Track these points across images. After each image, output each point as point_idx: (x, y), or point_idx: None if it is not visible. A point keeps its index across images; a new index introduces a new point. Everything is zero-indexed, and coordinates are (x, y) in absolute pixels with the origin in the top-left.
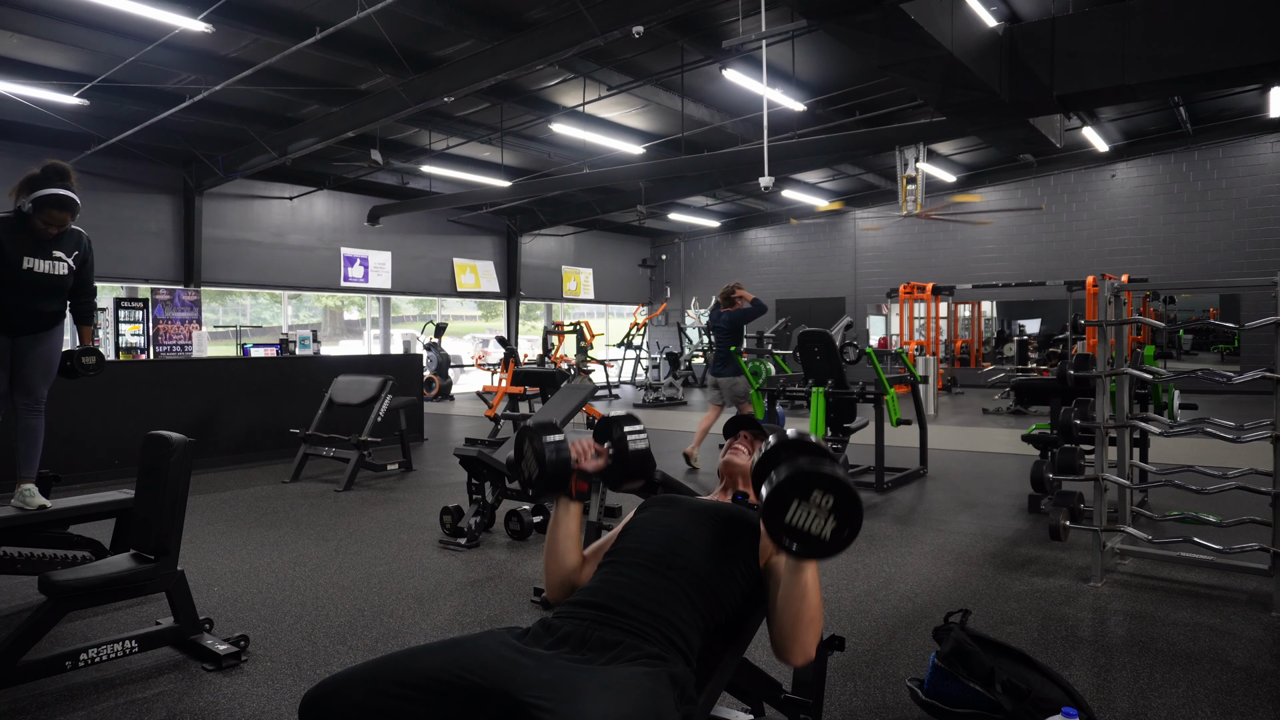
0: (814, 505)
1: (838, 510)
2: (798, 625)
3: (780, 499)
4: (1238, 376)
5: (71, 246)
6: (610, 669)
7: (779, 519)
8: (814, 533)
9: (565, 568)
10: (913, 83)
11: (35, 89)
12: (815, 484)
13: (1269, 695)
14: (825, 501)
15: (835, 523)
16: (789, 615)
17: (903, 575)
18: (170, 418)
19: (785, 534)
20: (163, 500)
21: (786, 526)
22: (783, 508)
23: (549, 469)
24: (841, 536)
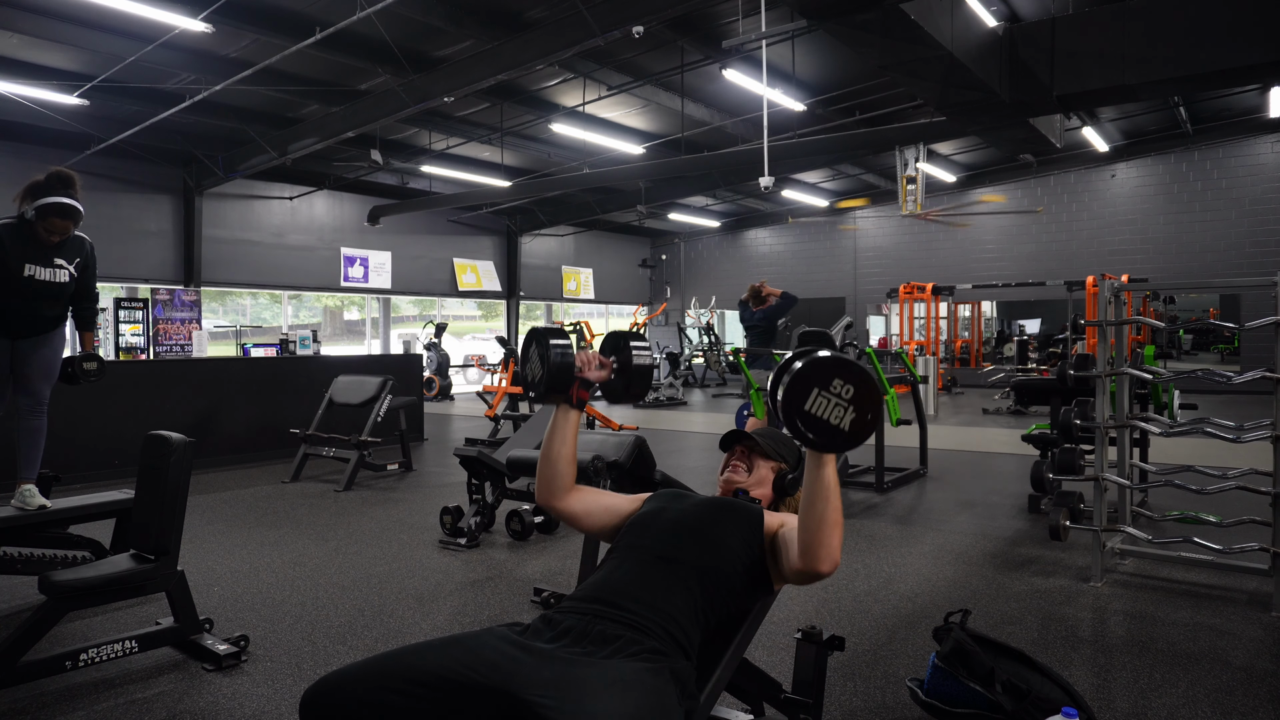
0: (834, 394)
1: (857, 400)
2: (823, 528)
3: (801, 387)
4: (1238, 376)
5: (74, 253)
6: (612, 665)
7: (799, 407)
8: (833, 422)
9: (556, 475)
10: (913, 83)
11: (35, 89)
12: (836, 373)
13: (1269, 695)
14: (845, 391)
15: (855, 413)
16: (814, 519)
17: (903, 575)
18: (170, 418)
19: (805, 423)
20: (163, 500)
21: (806, 415)
22: (803, 397)
23: (552, 370)
24: (862, 424)
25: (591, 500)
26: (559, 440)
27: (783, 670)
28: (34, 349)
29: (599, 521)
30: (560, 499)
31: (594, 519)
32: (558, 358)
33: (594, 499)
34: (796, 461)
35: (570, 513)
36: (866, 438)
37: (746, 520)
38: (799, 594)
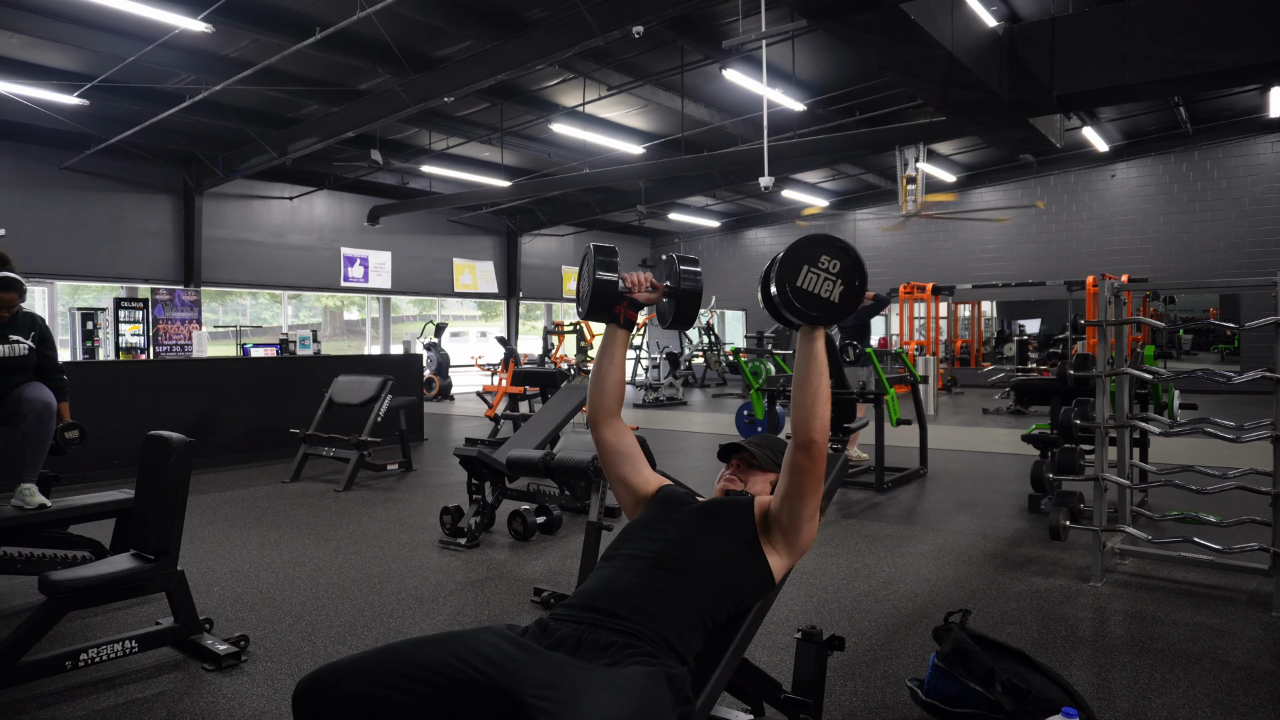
0: (822, 270)
1: (844, 273)
2: (816, 401)
3: (791, 265)
4: (1238, 376)
5: (27, 329)
6: (608, 670)
7: (791, 284)
8: (824, 295)
9: (605, 393)
10: (913, 83)
11: (35, 89)
12: (822, 249)
13: (1269, 695)
14: (833, 265)
15: (843, 285)
16: (808, 393)
17: (903, 575)
18: (170, 418)
19: (799, 298)
20: (163, 500)
21: (799, 291)
22: (794, 274)
23: (595, 290)
24: (851, 291)
25: (629, 444)
26: (607, 359)
27: (783, 670)
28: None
29: (623, 468)
30: (605, 422)
31: (621, 461)
32: (601, 276)
33: (631, 444)
34: None
35: (607, 442)
36: (856, 307)
37: (737, 511)
38: (799, 594)
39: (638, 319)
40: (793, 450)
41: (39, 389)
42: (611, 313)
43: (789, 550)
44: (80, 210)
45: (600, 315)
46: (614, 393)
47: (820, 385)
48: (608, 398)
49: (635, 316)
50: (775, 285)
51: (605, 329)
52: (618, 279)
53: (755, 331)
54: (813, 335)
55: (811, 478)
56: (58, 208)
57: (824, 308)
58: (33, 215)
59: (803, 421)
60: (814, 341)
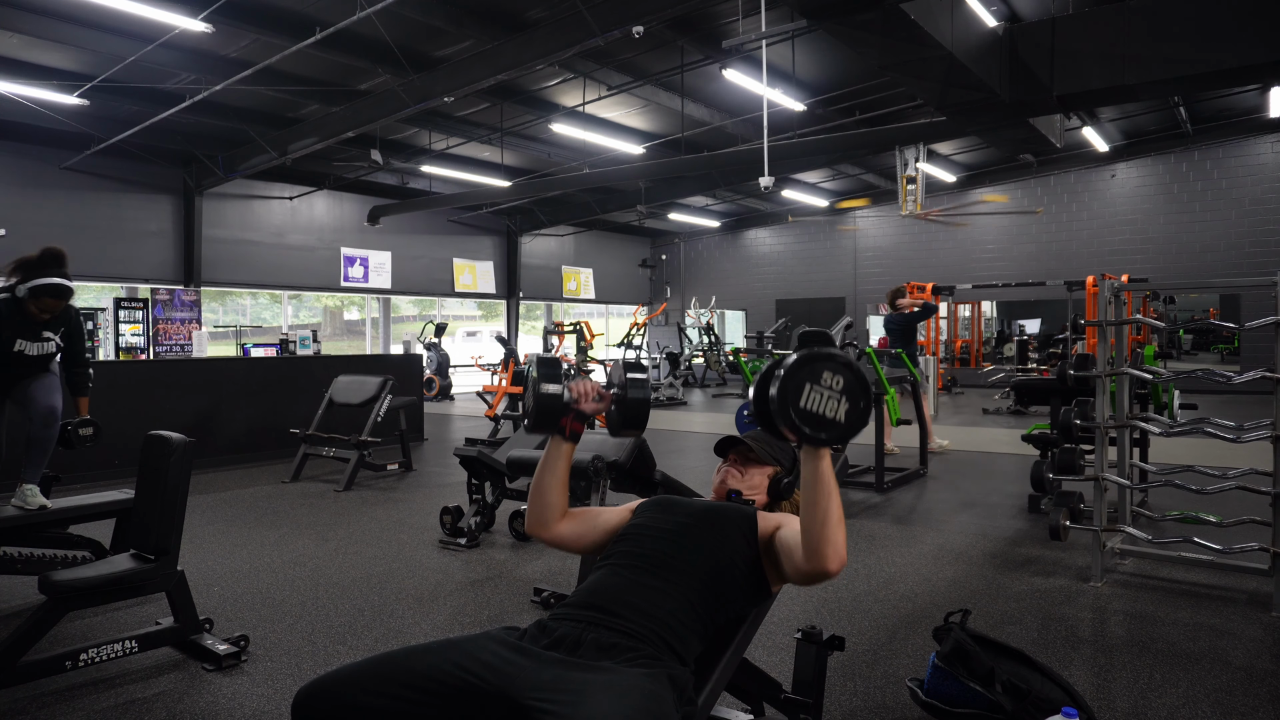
0: (825, 387)
1: (848, 391)
2: (828, 525)
3: (793, 385)
4: (1238, 376)
5: (60, 324)
6: (609, 671)
7: (794, 405)
8: (829, 415)
9: (547, 506)
10: (913, 83)
11: (35, 89)
12: (825, 366)
13: (1269, 695)
14: (836, 382)
15: (848, 403)
16: (818, 517)
17: (903, 575)
18: (170, 418)
19: (802, 420)
20: (163, 500)
21: (802, 412)
22: (797, 394)
23: (541, 404)
24: (856, 412)
25: (582, 523)
26: (549, 475)
27: (783, 670)
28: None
29: (590, 541)
30: (551, 529)
31: (584, 539)
32: (544, 391)
33: (584, 521)
34: (791, 465)
35: (562, 540)
36: (862, 427)
37: (740, 523)
38: (799, 594)
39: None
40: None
41: (48, 392)
42: (558, 426)
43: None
44: (80, 210)
45: (546, 429)
46: (557, 505)
47: (831, 508)
48: (550, 510)
49: (582, 429)
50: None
51: (549, 443)
52: (563, 391)
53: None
54: (818, 455)
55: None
56: (58, 208)
57: (830, 428)
58: (33, 215)
59: (814, 550)
60: (820, 461)
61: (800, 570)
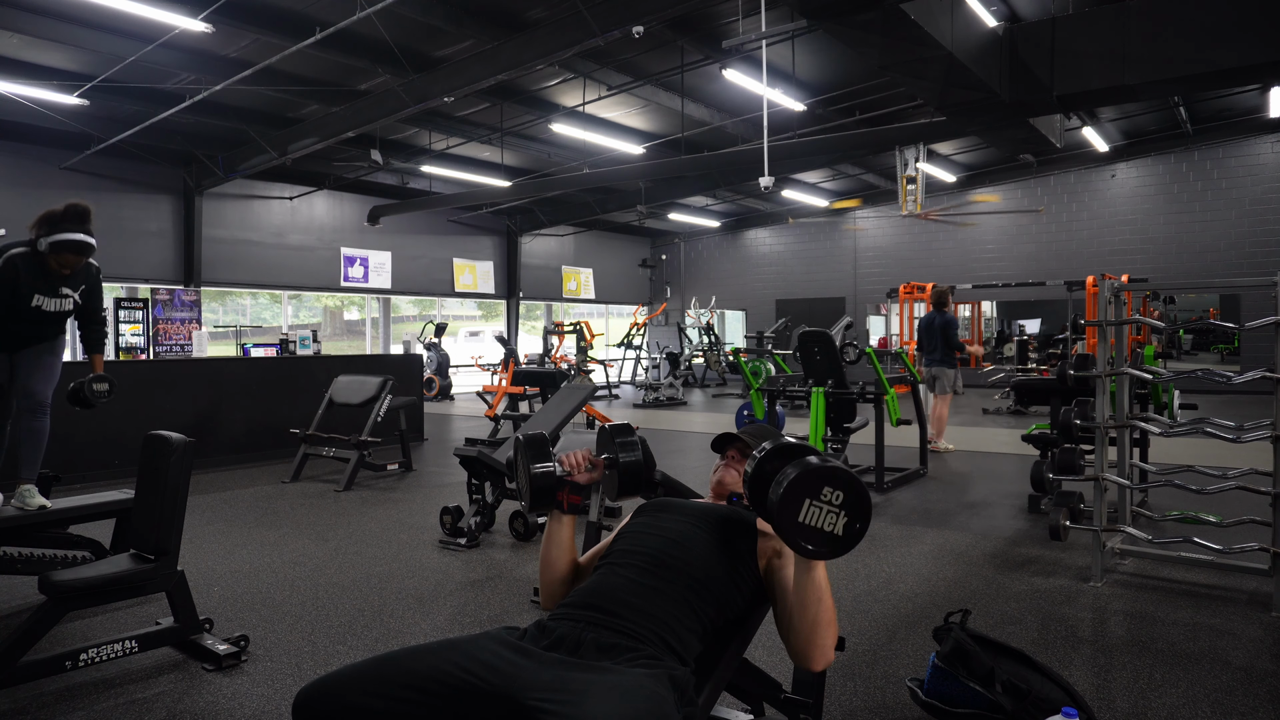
0: (825, 503)
1: (848, 505)
2: (816, 629)
3: (793, 499)
4: (1238, 376)
5: (80, 280)
6: (610, 671)
7: (792, 520)
8: (827, 529)
9: (558, 578)
10: (913, 83)
11: (35, 89)
12: (825, 481)
13: (1269, 695)
14: (835, 497)
15: (847, 518)
16: (807, 620)
17: (903, 575)
18: (170, 418)
19: (800, 535)
20: (163, 500)
21: (801, 527)
22: (795, 508)
23: (535, 482)
24: (854, 531)
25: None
26: (555, 546)
27: (783, 670)
28: (36, 355)
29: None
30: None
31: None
32: (537, 470)
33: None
34: None
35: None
36: (859, 541)
37: (741, 532)
38: None
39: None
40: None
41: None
42: (555, 500)
43: None
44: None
45: (544, 506)
46: (566, 578)
47: (821, 613)
48: (560, 585)
49: (580, 500)
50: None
51: (549, 520)
52: (554, 466)
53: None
54: (811, 565)
55: None
56: None
57: (826, 542)
58: (33, 215)
59: (802, 651)
60: (814, 571)
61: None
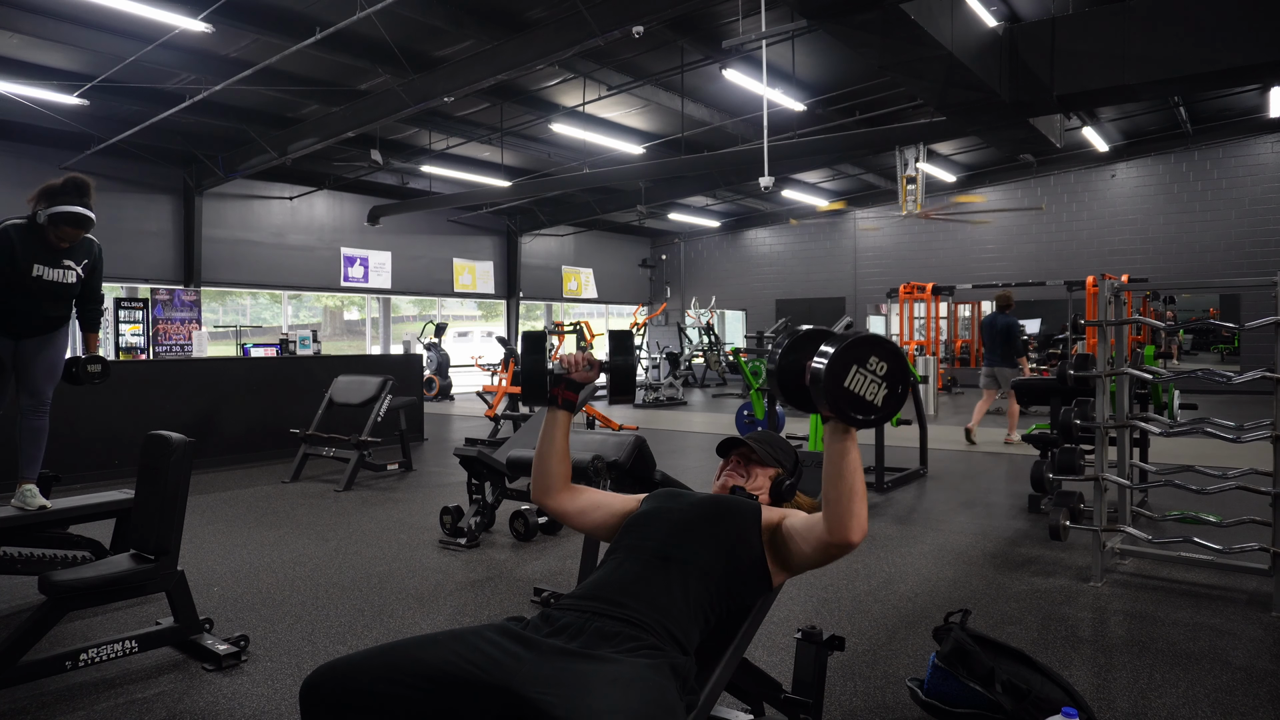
0: (870, 371)
1: (890, 376)
2: (854, 500)
3: (841, 365)
4: (1238, 376)
5: (82, 255)
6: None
7: (838, 384)
8: (869, 399)
9: (548, 474)
10: (913, 83)
11: (35, 89)
12: (873, 350)
13: (1269, 695)
14: (881, 368)
15: (888, 390)
16: (844, 491)
17: (903, 575)
18: (170, 418)
19: (845, 401)
20: (163, 500)
21: (846, 393)
22: (843, 374)
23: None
24: (892, 402)
25: (586, 499)
26: (547, 440)
27: (783, 670)
28: (38, 349)
29: (594, 520)
30: (554, 497)
31: (589, 517)
32: (529, 365)
33: (589, 498)
34: (793, 468)
35: (564, 511)
36: (896, 413)
37: (745, 515)
38: (799, 594)
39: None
40: (825, 542)
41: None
42: (549, 395)
43: (789, 571)
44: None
45: (537, 400)
46: (559, 472)
47: (855, 482)
48: (551, 478)
49: (575, 397)
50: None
51: (546, 413)
52: (547, 360)
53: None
54: (847, 433)
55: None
56: None
57: (867, 410)
58: None
59: (839, 522)
60: (848, 439)
61: (821, 543)
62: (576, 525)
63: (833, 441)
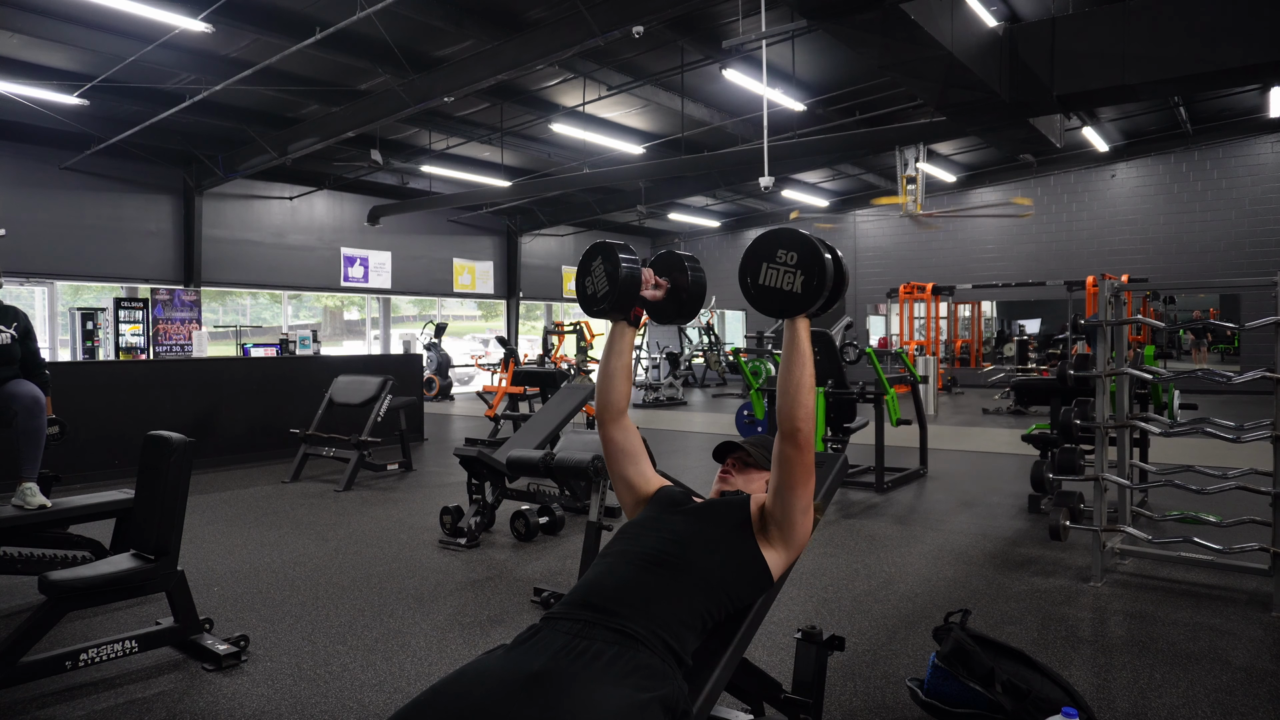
0: (780, 264)
1: (803, 264)
2: (799, 390)
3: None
4: (1238, 376)
5: (9, 319)
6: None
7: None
8: (786, 289)
9: (613, 390)
10: (913, 83)
11: (35, 89)
12: (777, 244)
13: (1269, 695)
14: (790, 258)
15: (804, 276)
16: (792, 381)
17: (903, 575)
18: (170, 418)
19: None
20: (163, 500)
21: (761, 288)
22: (755, 271)
23: (621, 285)
24: (812, 287)
25: (634, 444)
26: (616, 358)
27: (783, 670)
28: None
29: (626, 467)
30: (614, 420)
31: (625, 460)
32: (627, 271)
33: (636, 444)
34: None
35: (615, 441)
36: (821, 297)
37: (733, 509)
38: (799, 594)
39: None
40: (779, 441)
41: (24, 384)
42: (628, 311)
43: (785, 546)
44: (80, 210)
45: (620, 313)
46: (623, 390)
47: (803, 375)
48: (616, 394)
49: (642, 314)
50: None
51: (613, 327)
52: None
53: (755, 331)
54: (794, 325)
55: (800, 467)
56: (58, 208)
57: (786, 300)
58: (33, 215)
59: (787, 410)
60: (794, 330)
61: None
62: (612, 459)
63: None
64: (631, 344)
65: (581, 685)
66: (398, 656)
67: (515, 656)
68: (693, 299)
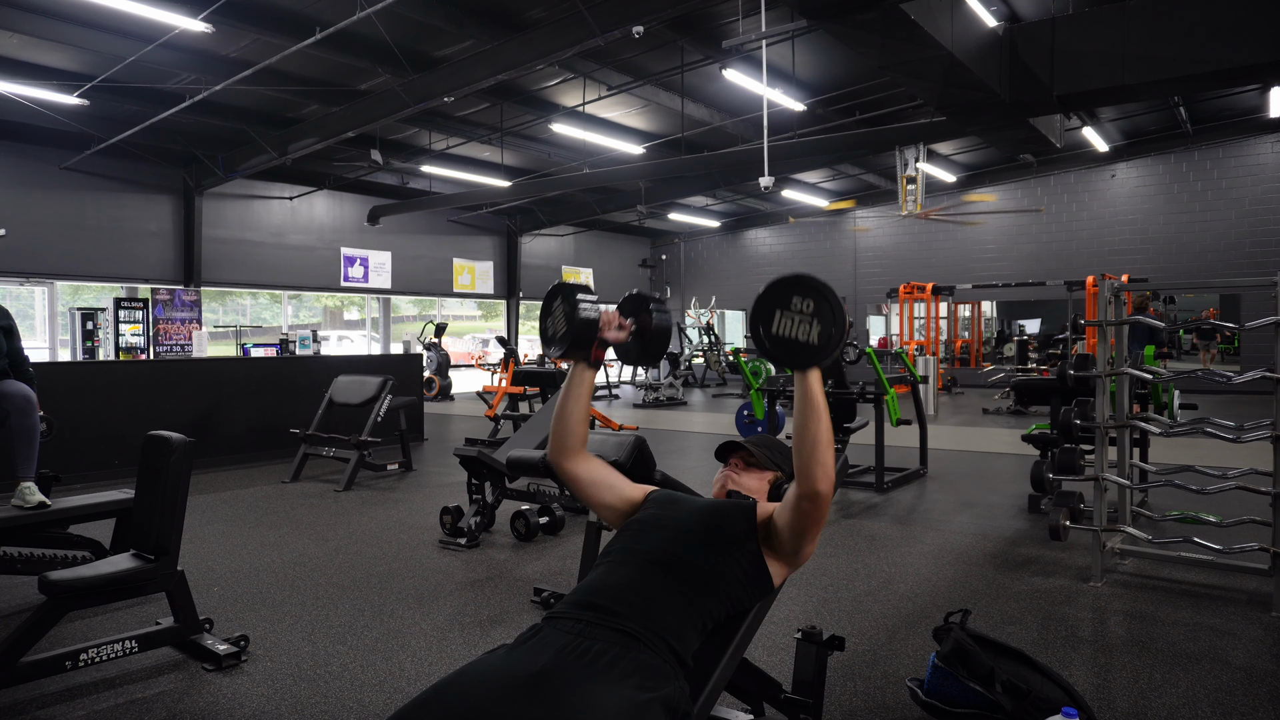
0: (796, 312)
1: (819, 313)
2: (818, 447)
3: (764, 313)
4: (1238, 376)
5: None
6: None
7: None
8: (801, 339)
9: (567, 433)
10: (913, 83)
11: (35, 89)
12: (793, 290)
13: (1269, 695)
14: (806, 306)
15: (820, 325)
16: (809, 439)
17: (903, 575)
18: (170, 418)
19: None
20: (163, 500)
21: (774, 338)
22: (768, 319)
23: (578, 327)
24: (829, 337)
25: (600, 473)
26: (573, 399)
27: (783, 670)
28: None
29: (601, 496)
30: (569, 460)
31: (598, 491)
32: (585, 314)
33: (602, 471)
34: (791, 471)
35: (576, 476)
36: (837, 348)
37: (740, 515)
38: (799, 594)
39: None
40: (796, 496)
41: (14, 384)
42: (587, 352)
43: (788, 563)
44: (80, 210)
45: (577, 354)
46: (578, 432)
47: (819, 430)
48: (571, 438)
49: (604, 356)
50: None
51: (572, 369)
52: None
53: None
54: (805, 377)
55: (815, 523)
56: (58, 208)
57: (801, 351)
58: (33, 215)
59: (805, 469)
60: (805, 383)
61: (793, 500)
62: (584, 495)
63: (796, 388)
64: (590, 387)
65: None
66: (398, 656)
67: (517, 656)
68: (656, 341)
